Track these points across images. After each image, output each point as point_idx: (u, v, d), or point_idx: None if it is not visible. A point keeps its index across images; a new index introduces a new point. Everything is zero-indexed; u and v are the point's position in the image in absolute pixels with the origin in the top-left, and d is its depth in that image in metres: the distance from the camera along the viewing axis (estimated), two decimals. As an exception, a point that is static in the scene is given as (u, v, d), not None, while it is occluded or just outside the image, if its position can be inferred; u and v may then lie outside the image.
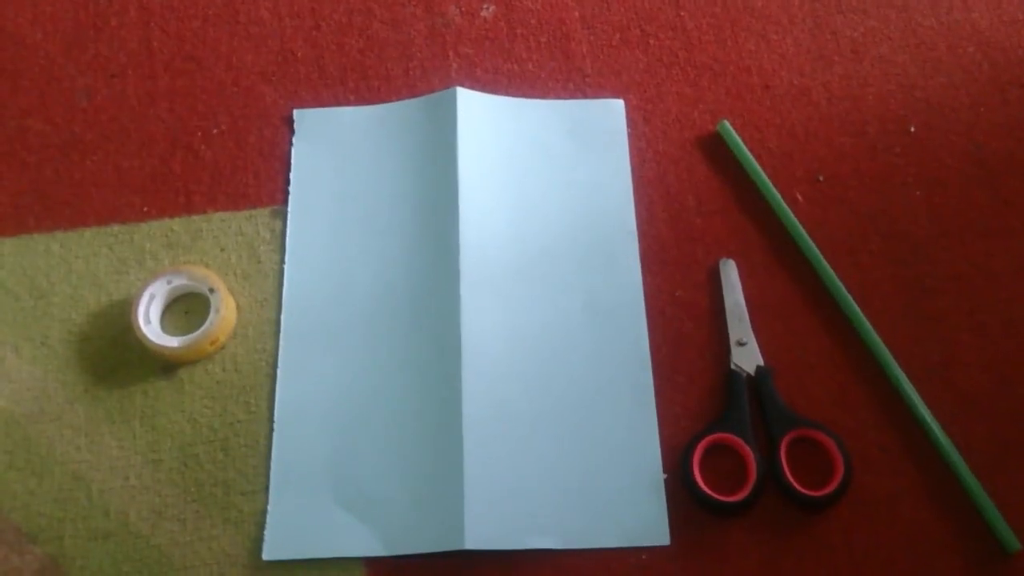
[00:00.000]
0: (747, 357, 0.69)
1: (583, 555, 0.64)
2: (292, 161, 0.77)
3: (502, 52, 0.81)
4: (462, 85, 0.77)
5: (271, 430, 0.68)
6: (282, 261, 0.73)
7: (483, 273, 0.71)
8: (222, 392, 0.69)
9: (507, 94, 0.79)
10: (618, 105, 0.78)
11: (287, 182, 0.76)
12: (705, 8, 0.82)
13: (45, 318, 0.72)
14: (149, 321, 0.70)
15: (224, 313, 0.70)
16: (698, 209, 0.75)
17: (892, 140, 0.77)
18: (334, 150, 0.77)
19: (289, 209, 0.75)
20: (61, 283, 0.73)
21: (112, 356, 0.71)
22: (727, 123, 0.76)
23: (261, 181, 0.76)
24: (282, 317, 0.71)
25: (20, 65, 0.81)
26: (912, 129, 0.77)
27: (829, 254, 0.72)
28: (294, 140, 0.77)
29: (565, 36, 0.81)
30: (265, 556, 0.64)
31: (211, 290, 0.70)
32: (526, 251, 0.73)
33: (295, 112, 0.78)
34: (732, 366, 0.69)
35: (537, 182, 0.75)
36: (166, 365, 0.70)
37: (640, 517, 0.65)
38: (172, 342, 0.69)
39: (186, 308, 0.72)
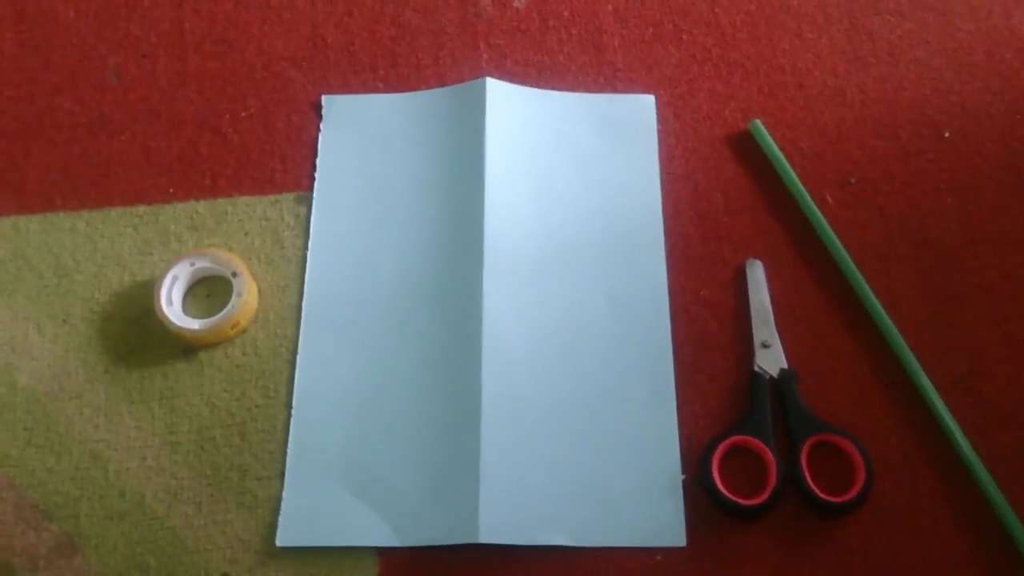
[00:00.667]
0: (771, 359, 0.68)
1: (597, 553, 0.64)
2: (319, 147, 0.77)
3: (533, 44, 0.80)
4: (492, 76, 0.77)
5: (288, 416, 0.68)
6: (305, 247, 0.73)
7: (507, 265, 0.70)
8: (241, 376, 0.69)
9: (537, 86, 0.78)
10: (648, 100, 0.78)
11: (313, 168, 0.76)
12: (740, 5, 0.82)
13: (68, 296, 0.72)
14: (171, 303, 0.70)
15: (246, 297, 0.70)
16: (726, 208, 0.74)
17: (925, 145, 0.76)
18: (361, 137, 0.77)
19: (314, 195, 0.75)
20: (85, 262, 0.73)
21: (133, 336, 0.71)
22: (759, 122, 0.75)
23: (287, 166, 0.76)
24: (303, 303, 0.71)
25: (51, 43, 0.82)
26: (946, 135, 0.76)
27: (857, 258, 0.71)
28: (321, 126, 0.77)
29: (598, 29, 0.81)
30: (278, 542, 0.64)
31: (234, 274, 0.70)
32: (551, 244, 0.72)
33: (323, 98, 0.78)
34: (755, 368, 0.68)
35: (564, 175, 0.75)
36: (186, 347, 0.70)
37: (656, 517, 0.64)
38: (193, 324, 0.69)
39: (208, 291, 0.72)
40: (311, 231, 0.74)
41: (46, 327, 0.71)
